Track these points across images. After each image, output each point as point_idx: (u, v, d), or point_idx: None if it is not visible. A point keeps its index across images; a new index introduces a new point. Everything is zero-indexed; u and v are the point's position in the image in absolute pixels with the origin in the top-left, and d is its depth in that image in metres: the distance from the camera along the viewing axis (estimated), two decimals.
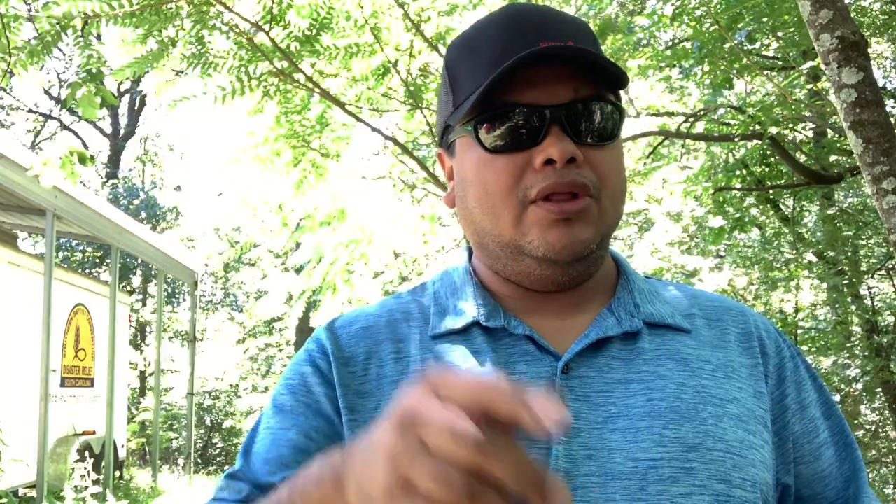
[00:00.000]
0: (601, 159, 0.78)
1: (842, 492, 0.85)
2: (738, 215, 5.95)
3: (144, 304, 18.73)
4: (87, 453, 7.93)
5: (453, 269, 0.91)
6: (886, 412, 6.56)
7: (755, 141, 4.95)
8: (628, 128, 6.18)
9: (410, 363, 0.81)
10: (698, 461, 0.74)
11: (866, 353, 6.20)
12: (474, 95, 0.77)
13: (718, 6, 4.20)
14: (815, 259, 6.46)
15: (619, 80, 0.78)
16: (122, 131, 21.69)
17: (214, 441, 18.37)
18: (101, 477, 7.88)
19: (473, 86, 0.78)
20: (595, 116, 0.77)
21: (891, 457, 6.72)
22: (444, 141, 0.86)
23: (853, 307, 6.65)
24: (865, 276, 6.49)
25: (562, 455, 0.74)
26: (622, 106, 0.80)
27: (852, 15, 2.35)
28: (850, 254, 6.40)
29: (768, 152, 5.50)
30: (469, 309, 0.83)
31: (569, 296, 0.83)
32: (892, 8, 5.20)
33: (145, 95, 18.83)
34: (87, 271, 16.82)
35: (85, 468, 7.21)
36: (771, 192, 6.07)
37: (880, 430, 6.98)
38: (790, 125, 5.14)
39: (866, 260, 6.78)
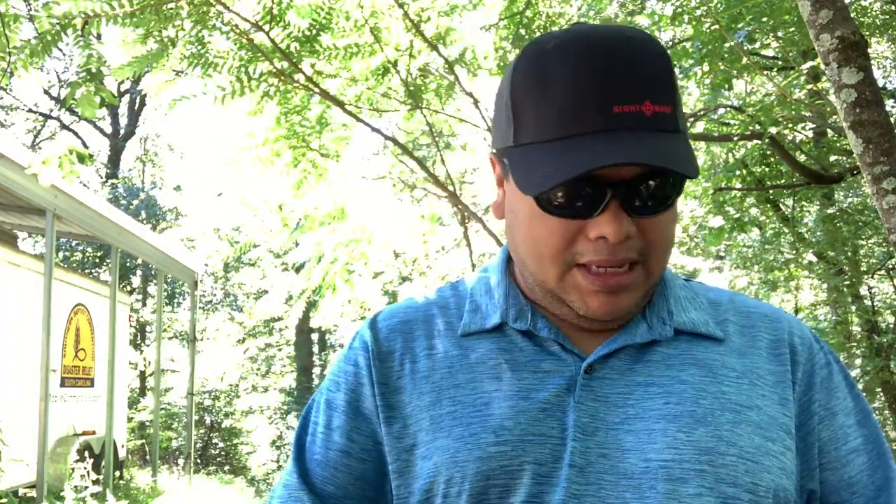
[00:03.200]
0: (654, 227, 0.77)
1: (872, 500, 0.85)
2: (738, 215, 5.95)
3: (144, 304, 18.73)
4: (87, 453, 7.92)
5: (492, 266, 0.93)
6: (886, 412, 6.55)
7: (755, 141, 4.95)
8: None
9: (440, 360, 0.85)
10: (709, 464, 0.76)
11: (866, 353, 6.20)
12: (537, 160, 0.74)
13: (718, 6, 4.19)
14: (815, 259, 6.46)
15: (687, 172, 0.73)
16: (122, 131, 21.69)
17: (214, 441, 18.36)
18: (101, 477, 7.88)
19: (537, 133, 0.75)
20: (655, 190, 0.76)
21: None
22: (498, 155, 0.84)
23: (853, 307, 6.65)
24: (865, 276, 6.49)
25: (577, 452, 0.77)
26: (684, 174, 0.75)
27: (852, 15, 2.35)
28: (850, 254, 6.40)
29: (768, 152, 5.50)
30: (500, 309, 0.86)
31: None
32: (892, 8, 5.20)
33: (145, 95, 18.82)
34: (87, 271, 16.82)
35: (85, 468, 7.20)
36: (771, 192, 6.06)
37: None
38: (790, 125, 5.14)
39: (866, 260, 6.77)
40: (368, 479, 0.87)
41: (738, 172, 5.77)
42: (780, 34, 4.82)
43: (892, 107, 6.08)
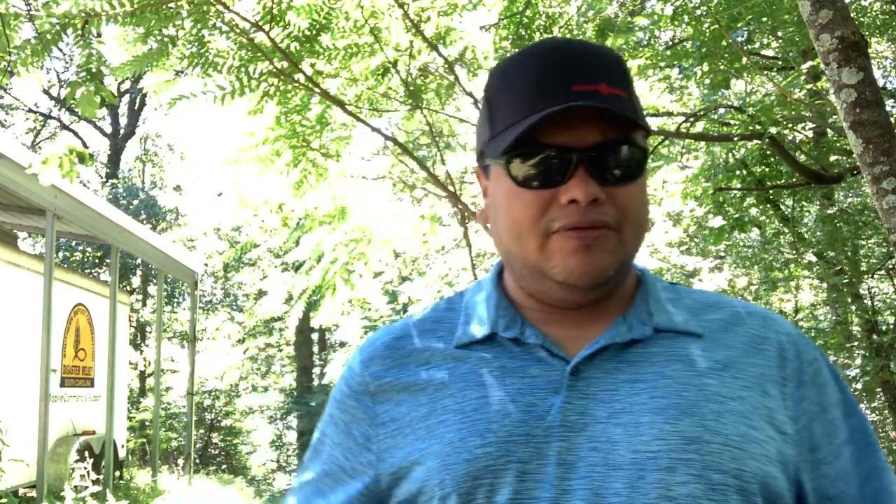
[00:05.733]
0: (623, 196, 0.84)
1: (860, 488, 0.87)
2: (737, 215, 5.94)
3: (144, 304, 18.73)
4: (87, 453, 7.92)
5: (485, 280, 0.99)
6: (886, 412, 6.55)
7: (755, 141, 4.95)
8: None
9: (435, 372, 0.91)
10: (696, 453, 0.80)
11: (866, 353, 6.20)
12: (509, 134, 0.83)
13: (718, 6, 4.19)
14: (815, 259, 6.45)
15: (642, 123, 0.84)
16: (122, 131, 21.68)
17: (214, 441, 18.36)
18: (101, 477, 7.88)
19: (509, 119, 0.85)
20: (619, 159, 0.83)
21: (891, 457, 6.72)
22: (481, 161, 0.93)
23: (853, 307, 6.65)
24: (865, 276, 6.49)
25: (566, 449, 0.81)
26: (646, 147, 0.87)
27: (852, 15, 2.35)
28: (850, 254, 6.39)
29: (768, 152, 5.50)
30: (491, 320, 0.92)
31: (587, 309, 0.90)
32: (892, 8, 5.20)
33: (145, 95, 18.83)
34: (87, 271, 16.82)
35: (85, 468, 7.20)
36: (771, 192, 6.06)
37: (880, 430, 6.98)
38: (790, 125, 5.14)
39: (866, 260, 6.77)
40: (363, 494, 0.93)
41: (738, 172, 5.77)
42: (780, 34, 4.83)
43: (892, 107, 6.07)
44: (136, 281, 18.54)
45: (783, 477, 0.83)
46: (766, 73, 5.13)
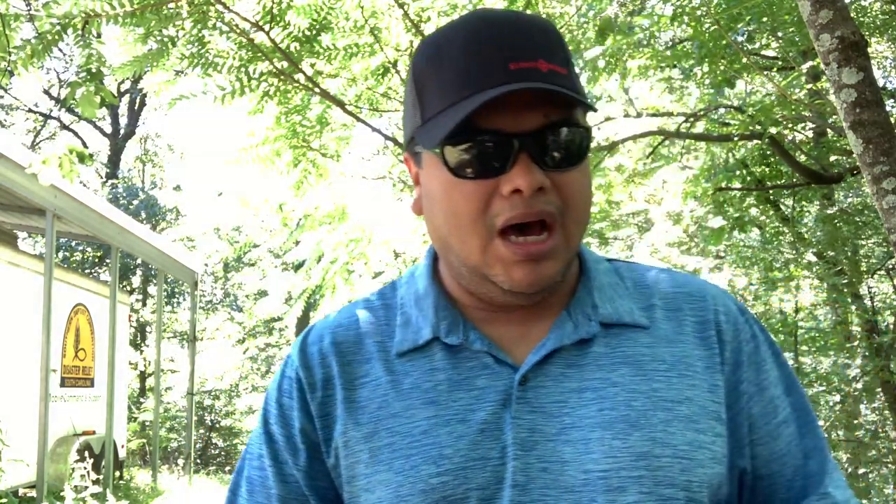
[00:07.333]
0: (568, 182, 0.78)
1: (800, 469, 0.85)
2: (737, 215, 5.95)
3: (144, 304, 18.73)
4: (87, 453, 7.93)
5: (419, 272, 0.91)
6: (886, 412, 6.55)
7: (755, 141, 4.95)
8: (628, 128, 6.17)
9: (374, 387, 0.83)
10: (646, 469, 0.76)
11: (866, 353, 6.20)
12: (443, 120, 0.76)
13: (718, 6, 4.19)
14: (815, 259, 6.46)
15: (587, 102, 0.78)
16: (122, 131, 21.68)
17: (214, 441, 18.36)
18: (101, 477, 7.88)
19: (440, 102, 0.77)
20: (563, 142, 0.77)
21: (891, 457, 6.71)
22: (410, 147, 0.85)
23: (853, 307, 6.65)
24: (865, 276, 6.49)
25: (518, 470, 0.76)
26: (590, 127, 0.80)
27: (852, 15, 2.35)
28: (850, 254, 6.40)
29: (768, 152, 5.50)
30: (430, 323, 0.84)
31: (531, 304, 0.84)
32: (892, 8, 5.20)
33: (145, 95, 18.83)
34: (87, 271, 16.82)
35: (85, 468, 7.21)
36: (771, 192, 6.07)
37: (880, 430, 6.97)
38: (790, 125, 5.14)
39: (866, 260, 6.78)
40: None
41: (738, 172, 5.77)
42: (780, 34, 4.83)
43: (892, 107, 6.07)
44: (136, 281, 18.54)
45: (725, 470, 0.81)
46: (766, 73, 5.14)
